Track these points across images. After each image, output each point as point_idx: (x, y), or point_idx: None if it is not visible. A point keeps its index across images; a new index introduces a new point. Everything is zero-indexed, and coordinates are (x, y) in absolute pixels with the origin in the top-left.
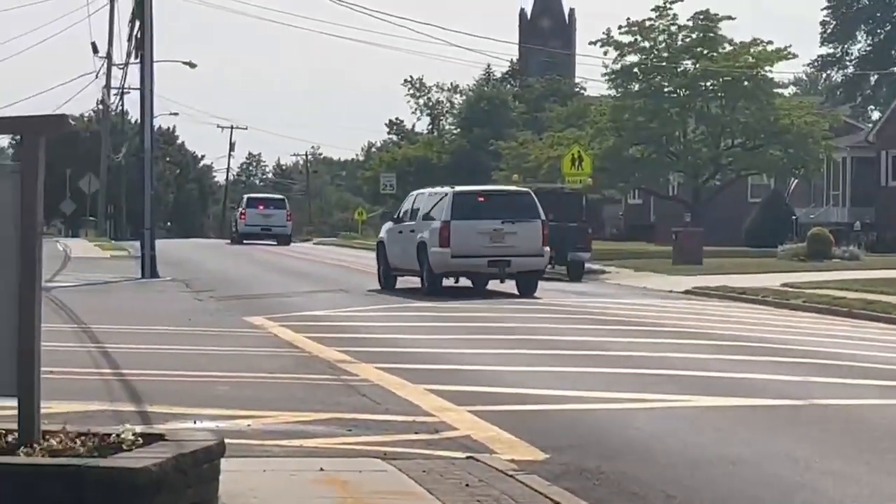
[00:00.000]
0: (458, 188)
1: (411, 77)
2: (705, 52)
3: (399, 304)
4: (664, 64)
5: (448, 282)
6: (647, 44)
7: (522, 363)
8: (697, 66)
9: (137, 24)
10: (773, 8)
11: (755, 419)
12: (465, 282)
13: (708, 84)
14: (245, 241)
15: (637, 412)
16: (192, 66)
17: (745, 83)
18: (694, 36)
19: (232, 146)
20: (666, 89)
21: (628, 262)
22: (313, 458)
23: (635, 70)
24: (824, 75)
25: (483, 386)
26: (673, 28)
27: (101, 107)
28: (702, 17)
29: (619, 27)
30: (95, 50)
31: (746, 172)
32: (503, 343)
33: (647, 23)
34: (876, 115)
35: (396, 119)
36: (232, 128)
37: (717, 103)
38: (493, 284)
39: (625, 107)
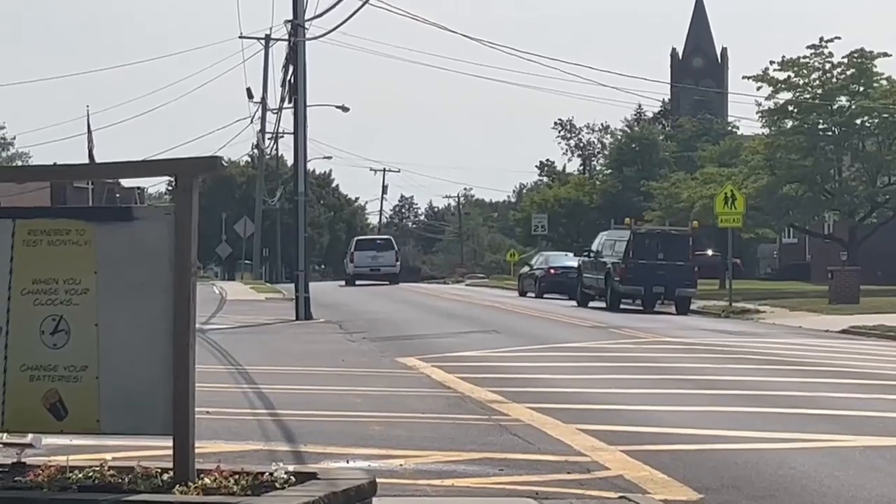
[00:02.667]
0: (360, 237)
1: (561, 119)
2: (860, 89)
3: (549, 344)
4: (818, 101)
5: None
6: (800, 81)
7: (675, 403)
8: (853, 103)
9: (291, 69)
10: None
11: None
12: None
13: (863, 121)
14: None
15: (792, 451)
16: (345, 109)
17: None
18: (849, 73)
19: (384, 189)
20: (820, 127)
21: (783, 301)
22: (465, 497)
23: (790, 107)
24: None
25: (635, 425)
26: (828, 66)
27: (255, 151)
28: (857, 55)
29: (770, 62)
30: (250, 96)
31: None
32: (654, 382)
33: (803, 60)
34: None
35: (547, 160)
36: (384, 171)
37: (873, 140)
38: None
39: (778, 144)
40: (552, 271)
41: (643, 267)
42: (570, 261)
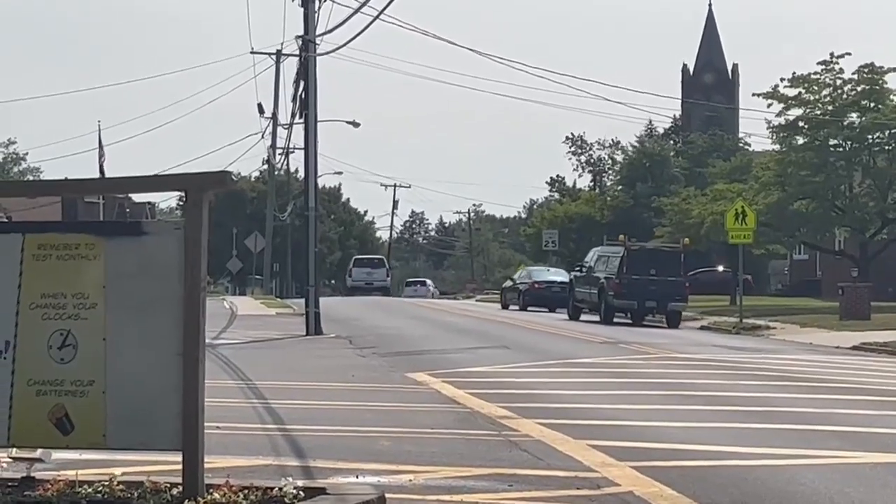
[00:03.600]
0: (357, 256)
1: (572, 134)
2: (871, 104)
3: (559, 360)
4: (828, 117)
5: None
6: (811, 97)
7: (685, 419)
8: (864, 118)
9: (301, 84)
10: None
11: None
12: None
13: (874, 137)
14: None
15: (802, 468)
16: (355, 125)
17: None
18: (859, 89)
19: (395, 204)
20: (831, 143)
21: (794, 317)
22: None
23: (801, 124)
24: None
25: (645, 441)
26: (838, 82)
27: (266, 166)
28: (867, 70)
29: (781, 79)
30: (261, 111)
31: None
32: (664, 398)
33: (813, 76)
34: None
35: (558, 176)
36: (395, 186)
37: (884, 156)
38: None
39: (789, 161)
40: (536, 285)
41: (636, 282)
42: (553, 275)
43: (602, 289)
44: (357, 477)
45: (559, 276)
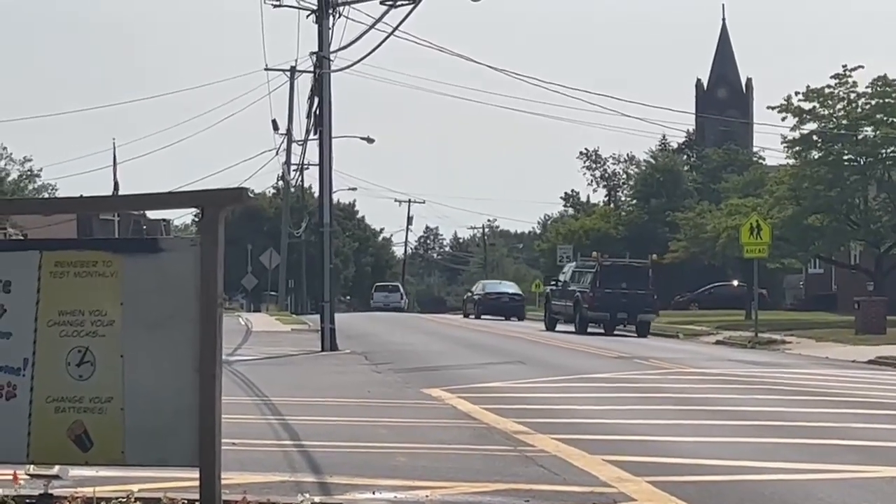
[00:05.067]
0: (378, 283)
1: (587, 149)
2: (885, 118)
3: (575, 375)
4: (843, 132)
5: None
6: (825, 111)
7: (701, 433)
8: (878, 132)
9: (316, 101)
10: None
11: None
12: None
13: (888, 150)
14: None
15: (818, 483)
16: (370, 141)
17: None
18: (873, 103)
19: (409, 220)
20: (846, 157)
21: (809, 331)
22: None
23: (815, 138)
24: None
25: (661, 456)
26: (852, 95)
27: (281, 183)
28: (880, 82)
29: (795, 92)
30: (276, 127)
31: None
32: (680, 413)
33: (827, 90)
34: None
35: (572, 191)
36: (409, 202)
37: None
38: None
39: (804, 175)
40: (488, 296)
41: (609, 295)
42: (505, 287)
43: (577, 301)
44: (373, 493)
45: (511, 288)
